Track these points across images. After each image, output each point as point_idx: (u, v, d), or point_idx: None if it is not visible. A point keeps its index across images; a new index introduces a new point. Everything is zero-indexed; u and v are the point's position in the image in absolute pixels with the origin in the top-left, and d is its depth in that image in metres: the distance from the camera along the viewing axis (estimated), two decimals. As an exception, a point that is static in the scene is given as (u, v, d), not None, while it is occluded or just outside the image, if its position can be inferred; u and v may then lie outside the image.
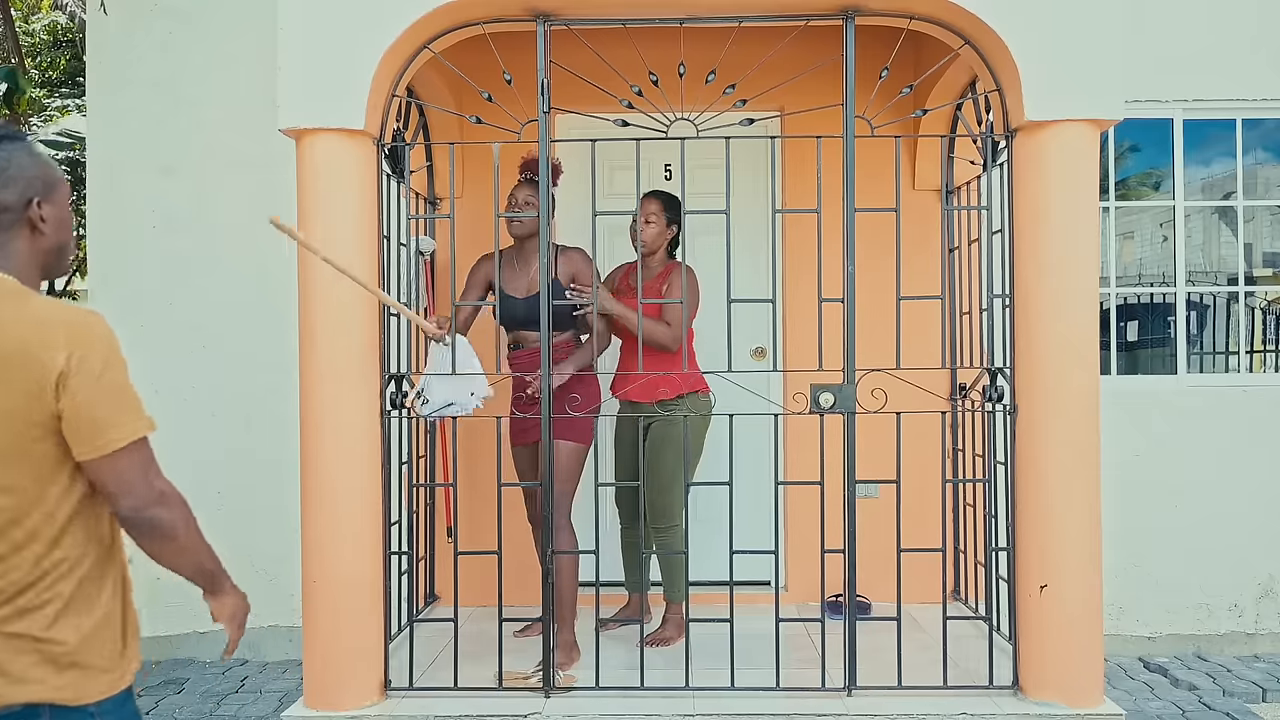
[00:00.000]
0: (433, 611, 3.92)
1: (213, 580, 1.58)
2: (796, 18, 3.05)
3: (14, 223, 1.39)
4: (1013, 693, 3.00)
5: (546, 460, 3.09)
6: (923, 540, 3.23)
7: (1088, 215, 2.90)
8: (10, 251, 1.39)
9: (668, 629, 3.48)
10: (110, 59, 4.12)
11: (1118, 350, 4.32)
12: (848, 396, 2.99)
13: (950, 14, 2.96)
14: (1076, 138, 2.90)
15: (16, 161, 1.39)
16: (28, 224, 1.40)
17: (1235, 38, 4.12)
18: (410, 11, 2.91)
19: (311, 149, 2.92)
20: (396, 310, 2.95)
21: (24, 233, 1.40)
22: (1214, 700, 3.61)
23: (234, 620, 1.64)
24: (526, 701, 2.99)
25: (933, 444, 3.57)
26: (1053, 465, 2.90)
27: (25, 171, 1.40)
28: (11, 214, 1.39)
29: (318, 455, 2.89)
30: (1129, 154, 4.40)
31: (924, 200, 4.06)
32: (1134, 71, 3.61)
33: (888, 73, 3.17)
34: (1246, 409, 4.13)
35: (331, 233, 2.91)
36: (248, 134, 3.98)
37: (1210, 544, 4.11)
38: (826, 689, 3.01)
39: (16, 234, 1.40)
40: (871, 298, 3.47)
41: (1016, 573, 3.01)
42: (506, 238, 3.49)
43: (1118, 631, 4.09)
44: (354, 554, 2.90)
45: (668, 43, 3.26)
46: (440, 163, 4.05)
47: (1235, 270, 4.32)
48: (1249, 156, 4.27)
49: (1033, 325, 2.93)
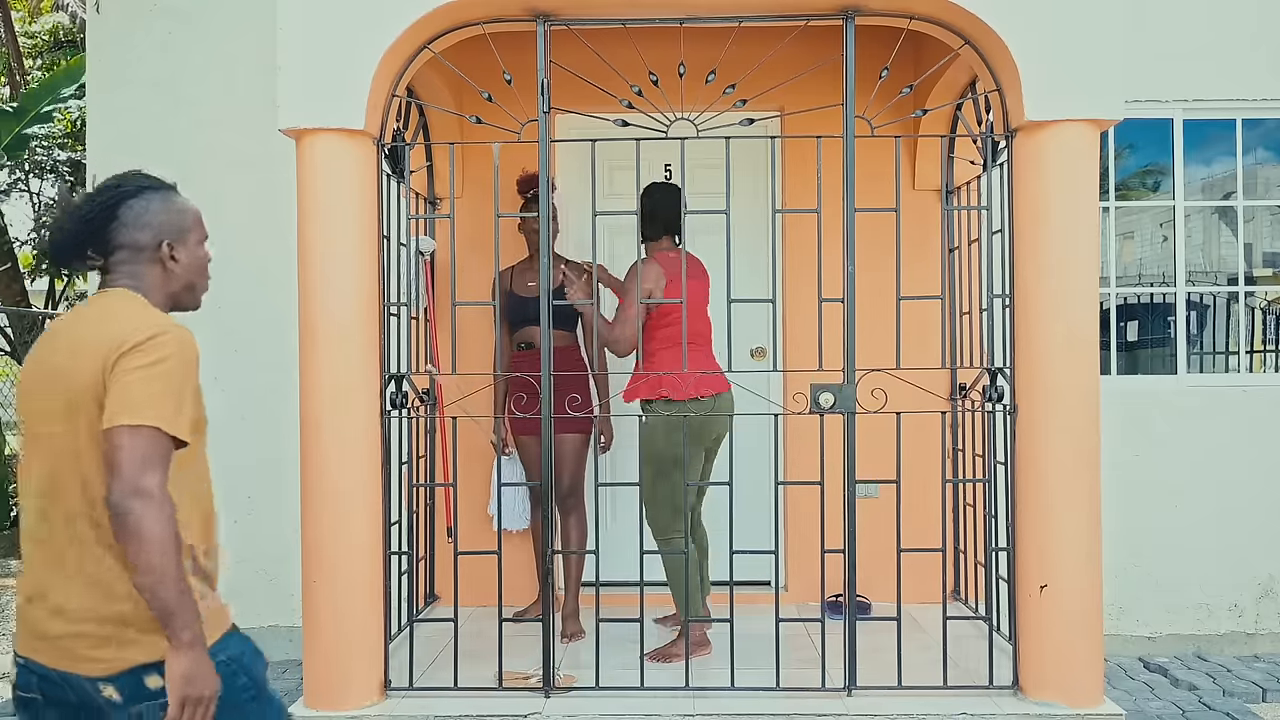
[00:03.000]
0: (433, 611, 3.92)
1: (169, 620, 1.45)
2: (796, 18, 3.05)
3: (148, 259, 1.65)
4: (1013, 693, 3.00)
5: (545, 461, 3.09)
6: (923, 540, 3.23)
7: (1088, 215, 2.90)
8: (144, 282, 1.65)
9: (675, 645, 3.34)
10: (110, 59, 4.12)
11: (1118, 350, 4.32)
12: (848, 396, 2.99)
13: (950, 14, 2.96)
14: (1076, 138, 2.90)
15: (152, 209, 1.65)
16: (159, 262, 1.66)
17: (1235, 37, 4.12)
18: (410, 11, 2.91)
19: (311, 149, 2.92)
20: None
21: (156, 269, 1.66)
22: (1214, 700, 3.61)
23: (182, 687, 1.45)
24: (526, 701, 2.99)
25: (933, 444, 3.57)
26: (1053, 465, 2.90)
27: (157, 218, 1.65)
28: (146, 251, 1.65)
29: (318, 455, 2.89)
30: (1129, 154, 4.39)
31: (924, 200, 4.06)
32: (1134, 71, 3.60)
33: (888, 73, 3.17)
34: (1246, 409, 4.13)
35: (331, 233, 2.91)
36: (248, 134, 3.98)
37: (1210, 544, 4.11)
38: (826, 689, 3.01)
39: (149, 268, 1.65)
40: (871, 298, 3.47)
41: (1016, 573, 3.01)
42: (506, 238, 3.50)
43: (1118, 631, 4.09)
44: (354, 554, 2.90)
45: (667, 43, 3.26)
46: (440, 163, 4.05)
47: (1235, 270, 4.32)
48: (1249, 156, 4.27)
49: (1033, 325, 2.93)
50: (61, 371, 1.54)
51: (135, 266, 1.64)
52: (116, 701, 1.51)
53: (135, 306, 1.60)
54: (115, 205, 1.62)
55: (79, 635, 1.52)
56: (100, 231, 1.61)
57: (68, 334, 1.60)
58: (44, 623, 1.55)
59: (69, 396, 1.52)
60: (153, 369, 1.48)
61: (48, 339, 1.64)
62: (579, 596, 3.70)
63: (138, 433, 1.45)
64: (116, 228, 1.62)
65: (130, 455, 1.44)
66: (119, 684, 1.50)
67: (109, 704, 1.52)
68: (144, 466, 1.44)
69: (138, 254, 1.64)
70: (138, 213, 1.63)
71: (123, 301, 1.61)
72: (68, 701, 1.56)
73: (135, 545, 1.43)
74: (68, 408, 1.53)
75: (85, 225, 1.61)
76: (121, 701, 1.51)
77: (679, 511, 3.23)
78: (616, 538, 4.04)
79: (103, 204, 1.62)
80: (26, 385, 1.62)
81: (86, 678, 1.51)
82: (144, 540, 1.42)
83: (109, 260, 1.63)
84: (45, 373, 1.58)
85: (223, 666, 1.55)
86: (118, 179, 1.66)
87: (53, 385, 1.55)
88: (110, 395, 1.48)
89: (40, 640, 1.55)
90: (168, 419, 1.48)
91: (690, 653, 3.16)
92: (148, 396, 1.47)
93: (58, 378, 1.54)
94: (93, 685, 1.51)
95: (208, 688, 1.48)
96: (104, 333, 1.53)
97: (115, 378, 1.48)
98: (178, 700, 1.46)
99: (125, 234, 1.62)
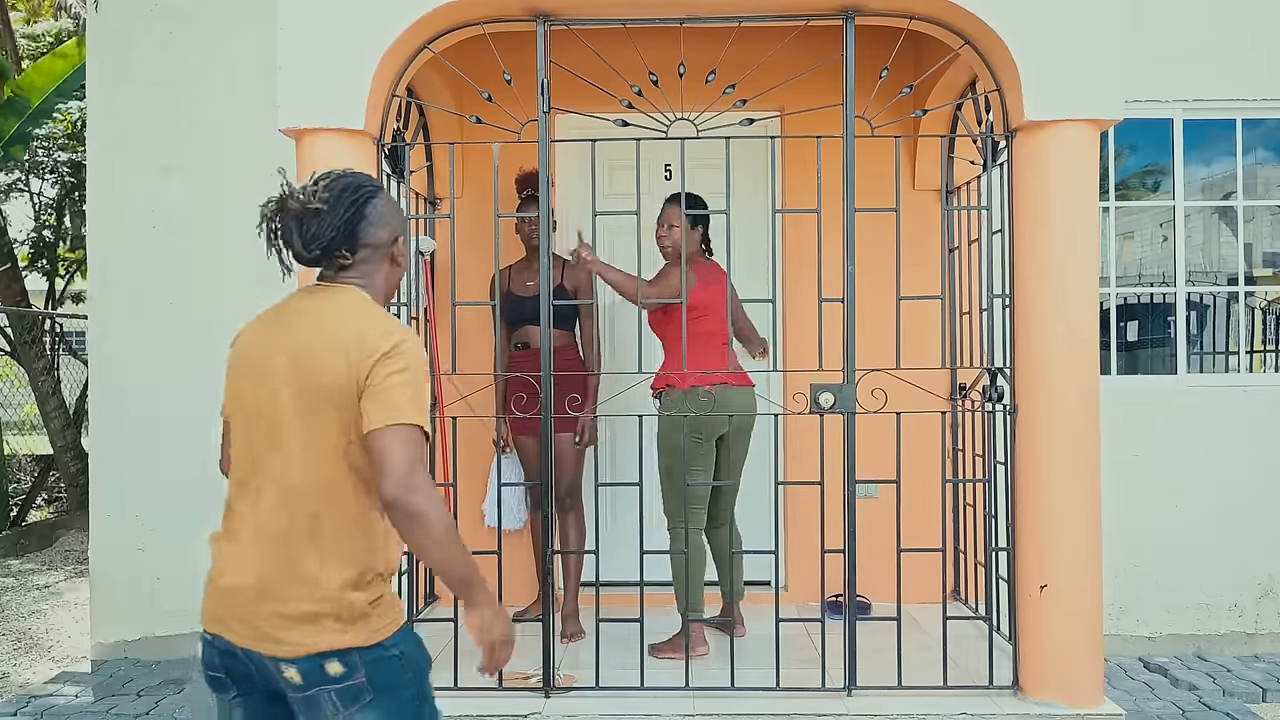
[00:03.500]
0: (432, 611, 3.92)
1: (467, 589, 1.61)
2: (796, 18, 3.05)
3: (383, 257, 1.73)
4: (1013, 693, 3.00)
5: (545, 461, 3.09)
6: (923, 540, 3.23)
7: (1088, 215, 2.90)
8: (374, 280, 1.72)
9: (670, 643, 3.37)
10: (110, 58, 4.12)
11: (1118, 350, 4.32)
12: (848, 396, 2.99)
13: (950, 14, 2.96)
14: (1076, 138, 2.90)
15: (390, 209, 1.74)
16: (390, 258, 1.74)
17: (1235, 37, 4.12)
18: (410, 11, 2.91)
19: (311, 149, 2.92)
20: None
21: (386, 265, 1.74)
22: (1214, 700, 3.61)
23: (483, 635, 1.64)
24: (527, 701, 2.99)
25: (933, 444, 3.57)
26: (1053, 465, 2.90)
27: (393, 217, 1.74)
28: (383, 249, 1.72)
29: (318, 455, 2.89)
30: (1129, 154, 4.39)
31: (924, 200, 4.06)
32: (1134, 71, 3.61)
33: (888, 73, 3.17)
34: (1246, 409, 4.13)
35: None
36: (248, 134, 3.98)
37: (1210, 544, 4.11)
38: (826, 689, 3.01)
39: (379, 265, 1.73)
40: (871, 298, 3.47)
41: (1016, 573, 3.01)
42: (506, 238, 3.50)
43: (1118, 631, 4.09)
44: (354, 554, 2.90)
45: (668, 43, 3.26)
46: (440, 163, 4.05)
47: (1235, 270, 4.32)
48: (1249, 156, 4.27)
49: (1033, 325, 2.93)
50: (299, 364, 1.60)
51: (371, 264, 1.71)
52: (297, 683, 1.57)
53: (372, 308, 1.67)
54: (365, 204, 1.69)
55: (275, 615, 1.57)
56: (354, 231, 1.67)
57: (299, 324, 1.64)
58: (242, 603, 1.60)
59: (310, 390, 1.59)
60: (406, 374, 1.58)
61: (275, 322, 1.68)
62: (579, 596, 3.70)
63: (406, 432, 1.55)
64: (365, 226, 1.68)
65: (402, 454, 1.54)
66: (301, 667, 1.56)
67: (289, 684, 1.58)
68: (414, 462, 1.55)
69: (376, 251, 1.71)
70: (380, 211, 1.71)
71: (359, 301, 1.67)
72: (250, 678, 1.62)
73: (422, 530, 1.54)
74: (306, 400, 1.59)
75: (345, 225, 1.66)
76: (301, 683, 1.57)
77: (682, 502, 3.33)
78: (616, 538, 4.04)
79: (354, 203, 1.67)
80: (241, 363, 1.68)
81: (270, 657, 1.58)
82: (429, 524, 1.54)
83: (354, 258, 1.69)
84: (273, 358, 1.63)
85: (394, 661, 1.62)
86: (350, 177, 1.70)
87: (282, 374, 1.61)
88: (372, 400, 1.56)
89: (232, 618, 1.61)
90: (425, 419, 1.60)
91: (666, 650, 3.28)
92: (407, 400, 1.57)
93: (295, 369, 1.60)
94: (275, 665, 1.58)
95: (506, 630, 1.67)
96: (348, 333, 1.60)
97: (373, 383, 1.57)
98: (485, 644, 1.65)
99: (372, 232, 1.69)
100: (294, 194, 1.66)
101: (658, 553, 3.21)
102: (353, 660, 1.58)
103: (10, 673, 4.19)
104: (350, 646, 1.58)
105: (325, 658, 1.57)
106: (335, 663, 1.57)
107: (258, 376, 1.64)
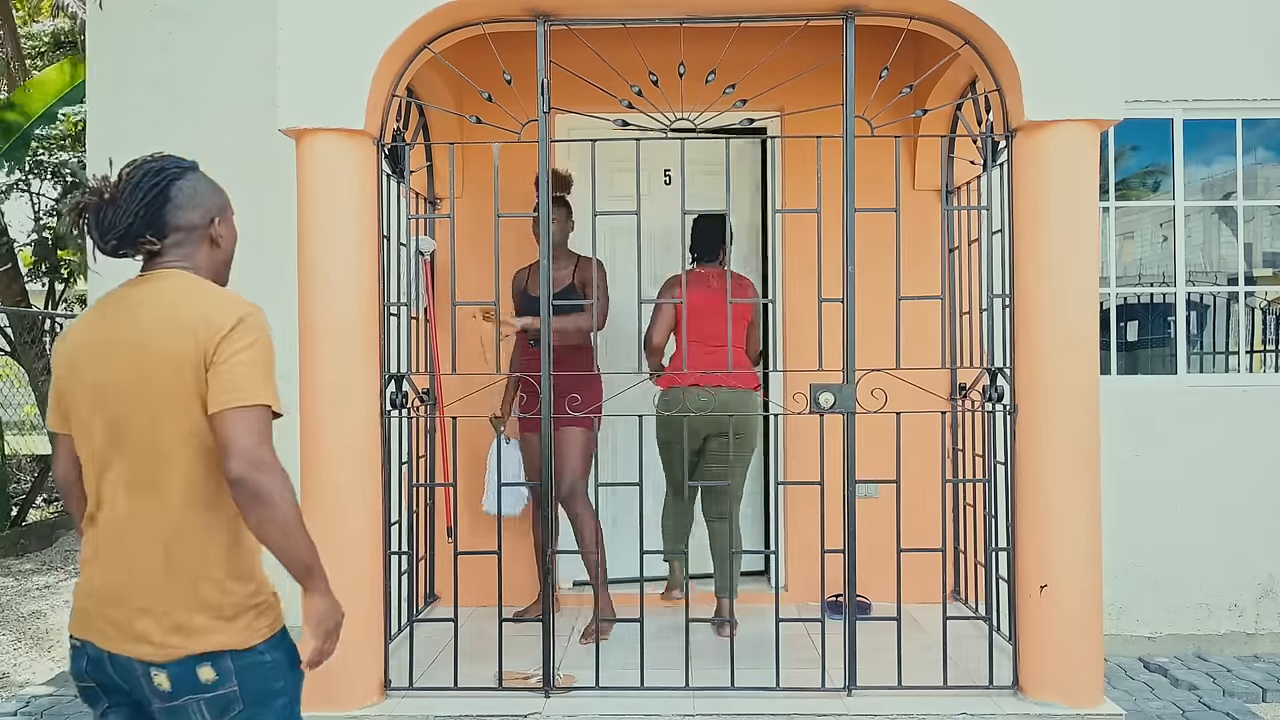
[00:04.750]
0: (433, 611, 3.92)
1: (308, 574, 1.58)
2: (796, 18, 3.05)
3: (199, 238, 1.70)
4: (1013, 693, 3.00)
5: (544, 457, 3.09)
6: (922, 540, 3.23)
7: (1088, 215, 2.90)
8: (195, 263, 1.69)
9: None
10: (110, 59, 4.12)
11: (1118, 350, 4.32)
12: (847, 396, 2.99)
13: (950, 14, 2.96)
14: (1076, 138, 2.90)
15: (201, 189, 1.70)
16: (208, 239, 1.71)
17: (1235, 37, 4.12)
18: (410, 11, 2.91)
19: (311, 149, 2.92)
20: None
21: (205, 247, 1.71)
22: (1214, 700, 3.61)
23: (318, 626, 1.60)
24: (527, 701, 2.99)
25: (933, 444, 3.57)
26: (1053, 465, 2.90)
27: (206, 197, 1.71)
28: (198, 231, 1.69)
29: (318, 455, 2.89)
30: (1129, 154, 4.39)
31: (924, 200, 4.06)
32: (1134, 71, 3.61)
33: (888, 73, 3.17)
34: (1246, 409, 4.13)
35: (331, 233, 2.91)
36: (248, 134, 3.97)
37: (1210, 544, 4.11)
38: (826, 689, 3.01)
39: (199, 247, 1.70)
40: (871, 298, 3.47)
41: (1016, 573, 3.01)
42: (506, 238, 3.50)
43: (1118, 631, 4.09)
44: (354, 554, 2.90)
45: (667, 43, 3.26)
46: (440, 163, 4.05)
47: (1235, 270, 4.32)
48: (1249, 156, 4.27)
49: (1033, 325, 2.93)
50: (145, 351, 1.56)
51: (187, 247, 1.67)
52: (165, 690, 1.52)
53: (209, 287, 1.64)
54: (167, 187, 1.65)
55: (145, 615, 1.53)
56: (157, 215, 1.63)
57: (138, 314, 1.60)
58: (110, 603, 1.56)
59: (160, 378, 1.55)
60: (251, 351, 1.56)
61: (109, 316, 1.62)
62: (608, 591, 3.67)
63: (251, 412, 1.53)
64: (171, 209, 1.65)
65: (247, 432, 1.52)
66: (171, 672, 1.52)
67: (155, 692, 1.53)
68: (260, 441, 1.53)
69: (190, 233, 1.67)
70: (188, 193, 1.67)
71: (193, 283, 1.64)
72: (119, 688, 1.57)
73: (266, 512, 1.51)
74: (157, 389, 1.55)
75: (144, 210, 1.62)
76: (170, 690, 1.52)
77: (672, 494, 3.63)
78: (616, 537, 4.04)
79: (154, 186, 1.63)
80: (81, 360, 1.61)
81: (139, 661, 1.53)
82: (273, 506, 1.51)
83: (164, 242, 1.65)
84: (116, 350, 1.58)
85: (267, 668, 1.58)
86: (153, 162, 1.66)
87: (130, 363, 1.57)
88: (216, 380, 1.53)
89: (102, 620, 1.56)
90: (272, 396, 1.57)
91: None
92: (252, 378, 1.54)
93: (139, 357, 1.56)
94: (144, 670, 1.53)
95: (338, 616, 1.63)
96: (193, 314, 1.57)
97: (218, 361, 1.54)
98: (320, 634, 1.60)
99: (180, 215, 1.66)
100: (88, 186, 1.63)
101: (657, 553, 3.21)
102: (225, 667, 1.54)
103: (10, 672, 4.19)
104: (224, 649, 1.54)
105: (198, 662, 1.52)
106: (208, 668, 1.53)
107: (100, 374, 1.59)
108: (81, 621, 1.59)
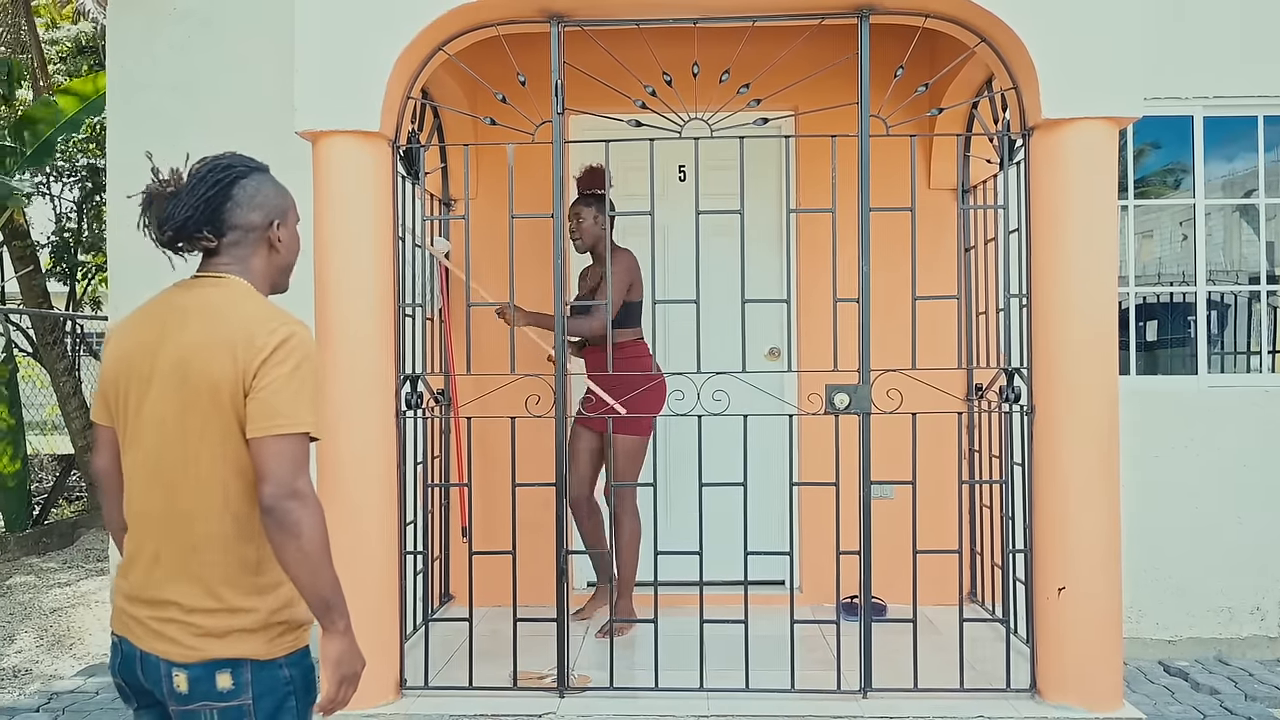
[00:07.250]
0: (448, 611, 3.94)
1: (327, 611, 1.55)
2: (811, 16, 3.04)
3: (257, 241, 1.66)
4: (1030, 696, 2.97)
5: (558, 456, 3.10)
6: (939, 542, 3.21)
7: (1106, 214, 2.88)
8: (250, 265, 1.66)
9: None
10: (130, 63, 4.16)
11: (1137, 350, 4.28)
12: (863, 397, 2.98)
13: (966, 12, 2.94)
14: (1095, 135, 2.87)
15: (265, 190, 1.67)
16: (267, 243, 1.68)
17: (1256, 33, 4.07)
18: (425, 14, 2.92)
19: (327, 151, 2.94)
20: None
21: (263, 250, 1.68)
22: (1236, 705, 3.56)
23: (336, 667, 1.56)
24: (541, 701, 2.99)
25: (949, 445, 3.55)
26: (1071, 466, 2.87)
27: (270, 199, 1.67)
28: (256, 233, 1.66)
29: (334, 455, 2.91)
30: (1148, 151, 4.35)
31: (940, 199, 4.04)
32: (1153, 69, 3.57)
33: (903, 71, 3.16)
34: (1268, 409, 4.08)
35: (347, 234, 2.93)
36: (265, 136, 3.97)
37: (1232, 546, 4.06)
38: (842, 691, 3.00)
39: (257, 250, 1.67)
40: (887, 297, 3.45)
41: (1034, 575, 2.98)
42: (521, 239, 3.51)
43: (1137, 635, 4.05)
44: (369, 554, 2.92)
45: (681, 43, 3.26)
46: (455, 164, 4.07)
47: (1257, 269, 4.27)
48: (1271, 153, 4.22)
49: (1050, 325, 2.91)
50: (187, 364, 1.54)
51: (244, 249, 1.65)
52: (181, 692, 1.53)
53: (256, 301, 1.61)
54: (230, 185, 1.63)
55: (173, 620, 1.54)
56: (217, 211, 1.62)
57: (185, 327, 1.57)
58: (144, 604, 1.57)
59: (199, 391, 1.53)
60: (294, 375, 1.53)
61: (159, 322, 1.60)
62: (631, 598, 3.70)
63: (288, 440, 1.51)
64: (232, 208, 1.63)
65: (283, 460, 1.50)
66: (191, 674, 1.52)
67: (173, 693, 1.53)
68: (296, 470, 1.51)
69: (248, 234, 1.65)
70: (250, 193, 1.65)
71: (242, 295, 1.61)
72: (146, 689, 1.58)
73: (294, 543, 1.49)
74: (196, 402, 1.53)
75: (204, 205, 1.60)
76: (186, 693, 1.52)
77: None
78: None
79: (218, 183, 1.62)
80: (129, 361, 1.60)
81: (163, 660, 1.54)
82: (302, 538, 1.49)
83: (221, 241, 1.63)
84: (160, 360, 1.56)
85: (283, 685, 1.57)
86: (224, 159, 1.65)
87: (172, 376, 1.55)
88: (256, 402, 1.51)
89: (133, 620, 1.58)
90: (313, 423, 1.55)
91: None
92: (294, 403, 1.52)
93: (181, 373, 1.54)
94: (167, 670, 1.54)
95: (358, 665, 1.59)
96: (237, 333, 1.54)
97: (258, 385, 1.51)
98: (335, 679, 1.56)
99: (240, 214, 1.63)
100: (156, 178, 1.63)
101: (672, 553, 3.20)
102: (243, 678, 1.53)
103: (34, 669, 4.24)
104: (244, 657, 1.53)
105: (218, 667, 1.52)
106: (226, 675, 1.53)
107: (143, 378, 1.58)
108: (119, 618, 1.62)
